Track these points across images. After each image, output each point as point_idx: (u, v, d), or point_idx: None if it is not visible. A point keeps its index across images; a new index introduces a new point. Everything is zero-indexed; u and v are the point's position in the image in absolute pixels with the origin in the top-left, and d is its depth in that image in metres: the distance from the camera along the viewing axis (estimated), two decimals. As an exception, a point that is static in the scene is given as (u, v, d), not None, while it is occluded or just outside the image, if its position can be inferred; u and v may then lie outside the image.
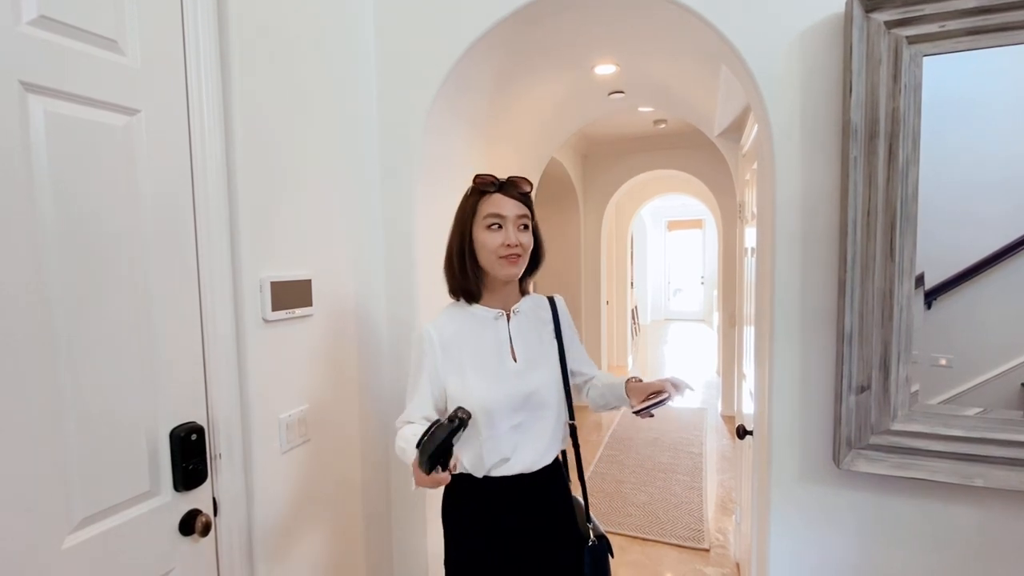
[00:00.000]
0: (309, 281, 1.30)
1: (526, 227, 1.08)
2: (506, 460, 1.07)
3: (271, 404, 1.20)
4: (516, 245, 1.05)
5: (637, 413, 1.03)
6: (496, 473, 1.07)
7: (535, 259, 1.15)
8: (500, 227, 1.05)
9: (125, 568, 0.92)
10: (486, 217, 1.05)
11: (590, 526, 1.18)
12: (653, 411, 1.02)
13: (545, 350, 1.15)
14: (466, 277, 1.09)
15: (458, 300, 1.14)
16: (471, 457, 1.07)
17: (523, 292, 1.19)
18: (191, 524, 1.02)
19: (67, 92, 0.83)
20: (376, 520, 1.60)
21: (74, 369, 0.84)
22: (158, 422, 0.98)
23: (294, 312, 1.24)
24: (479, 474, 1.08)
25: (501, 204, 1.05)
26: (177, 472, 1.00)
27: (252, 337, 1.14)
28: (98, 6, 0.88)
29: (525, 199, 1.08)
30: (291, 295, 1.23)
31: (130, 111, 0.93)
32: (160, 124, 0.97)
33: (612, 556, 1.19)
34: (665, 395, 0.99)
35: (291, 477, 1.26)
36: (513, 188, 1.07)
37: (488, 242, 1.05)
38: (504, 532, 1.09)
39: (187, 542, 1.02)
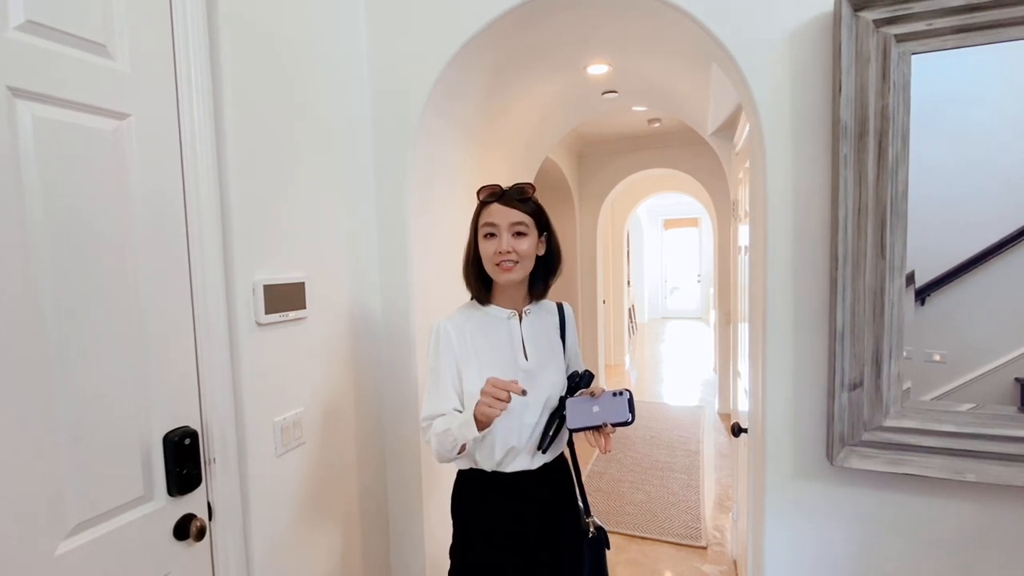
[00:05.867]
0: (303, 284, 1.29)
1: (521, 234, 1.09)
2: (515, 454, 1.11)
3: (265, 408, 1.19)
4: (508, 252, 1.07)
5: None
6: (503, 468, 1.11)
7: (550, 265, 1.17)
8: (494, 235, 1.08)
9: (120, 574, 0.92)
10: (483, 227, 1.10)
11: (589, 521, 1.22)
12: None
13: (554, 351, 1.18)
14: (475, 283, 1.15)
15: (472, 302, 1.19)
16: (482, 451, 1.10)
17: (537, 297, 1.20)
18: (186, 529, 1.02)
19: (56, 97, 0.83)
20: (373, 521, 1.60)
21: (66, 374, 0.84)
22: (151, 426, 0.97)
23: (287, 315, 1.24)
24: (488, 468, 1.11)
25: (495, 213, 1.09)
26: (171, 477, 1.00)
27: (245, 341, 1.14)
28: (86, 11, 0.87)
29: (524, 206, 1.09)
30: (284, 298, 1.23)
31: (120, 115, 0.92)
32: (150, 128, 0.97)
33: (608, 548, 1.23)
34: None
35: (287, 480, 1.26)
36: (510, 197, 1.10)
37: (485, 250, 1.10)
38: (509, 526, 1.12)
39: (182, 547, 1.02)
